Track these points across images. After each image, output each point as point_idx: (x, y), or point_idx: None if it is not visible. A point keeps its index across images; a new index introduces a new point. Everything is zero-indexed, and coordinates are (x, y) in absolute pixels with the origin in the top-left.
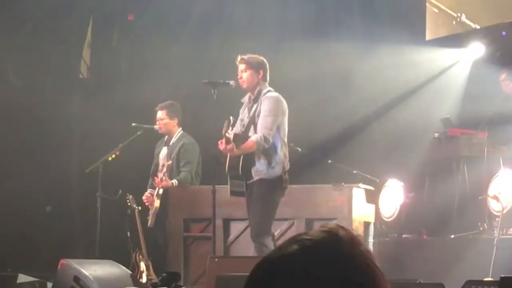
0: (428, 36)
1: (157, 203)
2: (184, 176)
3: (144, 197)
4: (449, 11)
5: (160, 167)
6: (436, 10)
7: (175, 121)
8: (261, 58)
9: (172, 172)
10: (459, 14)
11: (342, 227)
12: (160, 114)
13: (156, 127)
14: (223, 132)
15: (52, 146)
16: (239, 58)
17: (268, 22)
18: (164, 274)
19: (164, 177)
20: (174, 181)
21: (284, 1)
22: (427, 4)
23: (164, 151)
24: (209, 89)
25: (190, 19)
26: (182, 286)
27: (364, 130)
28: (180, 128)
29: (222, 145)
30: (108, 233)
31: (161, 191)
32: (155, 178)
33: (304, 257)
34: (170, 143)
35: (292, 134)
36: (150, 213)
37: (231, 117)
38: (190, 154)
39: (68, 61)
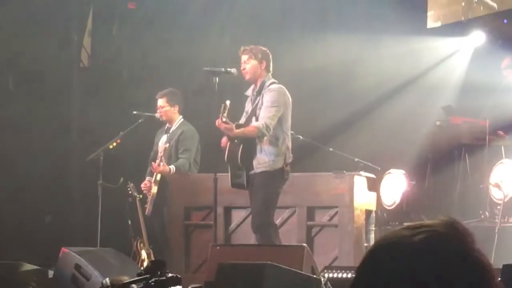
0: (429, 24)
1: (154, 189)
2: (182, 162)
3: (142, 185)
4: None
5: (160, 154)
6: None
7: (176, 108)
8: (264, 49)
9: (170, 159)
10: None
11: (458, 222)
12: (161, 102)
13: (157, 115)
14: (220, 116)
15: (52, 135)
16: (242, 49)
17: (270, 11)
18: (149, 263)
19: (161, 163)
20: (172, 167)
21: None
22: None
23: (163, 138)
24: (210, 76)
25: (191, 7)
26: (168, 273)
27: (365, 118)
28: (181, 116)
29: (220, 123)
30: (109, 221)
31: (158, 177)
32: (153, 163)
33: (422, 246)
34: (170, 131)
35: (294, 122)
36: (148, 200)
37: (227, 101)
38: (189, 142)
39: (68, 49)
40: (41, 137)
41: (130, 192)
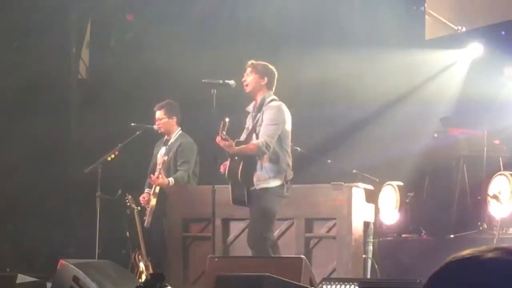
0: (427, 36)
1: (153, 201)
2: (181, 175)
3: (141, 197)
4: (449, 23)
5: (159, 167)
6: (436, 15)
7: (174, 120)
8: (270, 66)
9: (169, 171)
10: (459, 28)
11: None
12: (159, 114)
13: (155, 127)
14: (219, 134)
15: (51, 146)
16: (249, 62)
17: (268, 24)
18: (148, 276)
19: (160, 175)
20: (171, 180)
21: (285, 4)
22: (426, 16)
23: (162, 150)
24: (208, 88)
25: (189, 19)
26: (167, 286)
27: (363, 130)
28: (179, 128)
29: (220, 140)
30: (107, 233)
31: (157, 189)
32: (151, 175)
33: (494, 263)
34: (169, 143)
35: (292, 134)
36: (146, 212)
37: (226, 119)
38: (188, 153)
39: (67, 61)
40: (39, 148)
41: (128, 204)
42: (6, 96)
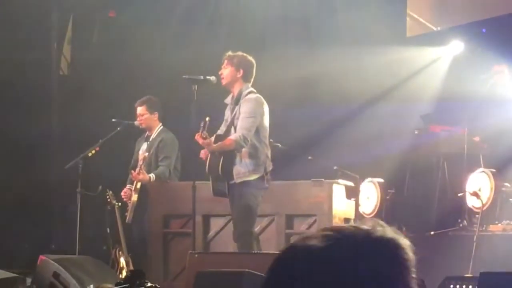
0: (409, 33)
1: (134, 197)
2: (162, 170)
3: (122, 193)
4: (428, 24)
5: (140, 162)
6: (416, 25)
7: (155, 116)
8: (246, 57)
9: (150, 167)
10: (439, 28)
11: (380, 227)
12: (140, 109)
13: (136, 123)
14: (200, 133)
15: (32, 142)
16: (225, 55)
17: (252, 21)
18: (128, 272)
19: (141, 171)
20: (152, 175)
21: (267, 2)
22: (408, 19)
23: (143, 146)
24: (189, 84)
25: (172, 15)
26: (147, 283)
27: (345, 127)
28: (161, 124)
29: (199, 138)
30: (88, 229)
31: (139, 185)
32: (132, 172)
33: (330, 252)
34: (150, 139)
35: (273, 130)
36: (128, 208)
37: (207, 118)
38: (168, 149)
39: (48, 57)
40: (20, 145)
41: (109, 200)
42: None
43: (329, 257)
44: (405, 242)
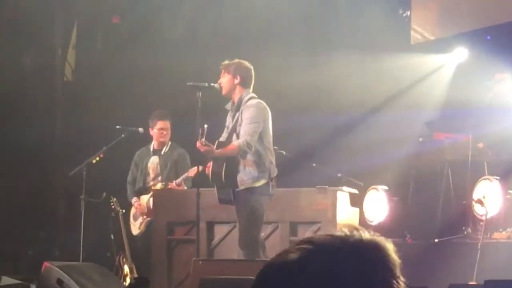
0: (413, 40)
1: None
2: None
3: (136, 206)
4: (432, 31)
5: (152, 176)
6: (419, 37)
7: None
8: (242, 63)
9: (168, 181)
10: (443, 35)
11: (358, 231)
12: (164, 124)
13: (141, 129)
14: (199, 140)
15: (36, 148)
16: (222, 64)
17: (256, 27)
18: (132, 280)
19: (182, 184)
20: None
21: (271, 8)
22: (412, 32)
23: (153, 159)
24: (194, 91)
25: (175, 22)
26: None
27: (349, 134)
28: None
29: (200, 145)
30: (92, 236)
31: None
32: (173, 183)
33: (305, 264)
34: (162, 152)
35: (277, 137)
36: (138, 220)
37: (205, 125)
38: (186, 166)
39: (52, 63)
40: (24, 150)
41: (113, 207)
42: None
43: (304, 269)
44: (385, 243)
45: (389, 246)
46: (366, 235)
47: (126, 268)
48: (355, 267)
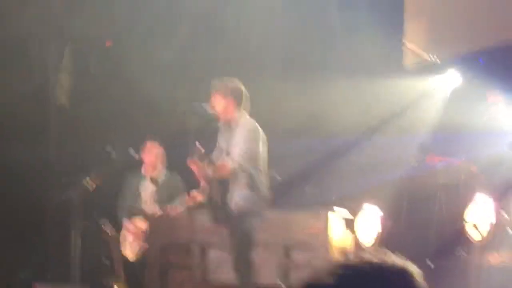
0: (405, 62)
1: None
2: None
3: (130, 231)
4: (423, 53)
5: (144, 200)
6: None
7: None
8: (232, 82)
9: (162, 205)
10: (433, 57)
11: (387, 254)
12: (156, 144)
13: (132, 151)
14: (192, 159)
15: (29, 172)
16: (212, 85)
17: (250, 50)
18: None
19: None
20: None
21: (266, 33)
22: (404, 48)
23: (150, 187)
24: (187, 114)
25: (169, 44)
26: None
27: (342, 158)
28: None
29: (193, 165)
30: (84, 259)
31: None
32: (169, 207)
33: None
34: (161, 182)
35: (270, 160)
36: (134, 246)
37: (197, 143)
38: (181, 191)
39: (45, 88)
40: (17, 174)
41: (105, 230)
42: None
43: None
44: (415, 269)
45: (418, 272)
46: (398, 260)
47: None
48: None
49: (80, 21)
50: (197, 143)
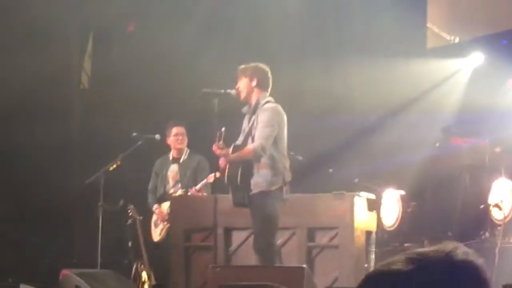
0: (429, 45)
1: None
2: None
3: (158, 213)
4: (444, 35)
5: (171, 184)
6: (436, 29)
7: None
8: (259, 65)
9: (187, 188)
10: (452, 38)
11: (454, 251)
12: (180, 130)
13: (157, 136)
14: (216, 143)
15: (53, 157)
16: (239, 68)
17: (270, 32)
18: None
19: (202, 190)
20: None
21: (285, 13)
22: (428, 30)
23: (172, 167)
24: (210, 98)
25: (190, 28)
26: None
27: (365, 139)
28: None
29: (216, 148)
30: (109, 243)
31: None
32: (192, 189)
33: (413, 276)
34: (181, 161)
35: (294, 142)
36: (158, 227)
37: (222, 129)
38: (207, 173)
39: (69, 72)
40: (40, 159)
41: (130, 214)
42: (8, 105)
43: (413, 281)
44: (482, 263)
45: (482, 265)
46: (468, 254)
47: (144, 275)
48: (460, 286)
49: (102, 6)
50: (222, 129)
